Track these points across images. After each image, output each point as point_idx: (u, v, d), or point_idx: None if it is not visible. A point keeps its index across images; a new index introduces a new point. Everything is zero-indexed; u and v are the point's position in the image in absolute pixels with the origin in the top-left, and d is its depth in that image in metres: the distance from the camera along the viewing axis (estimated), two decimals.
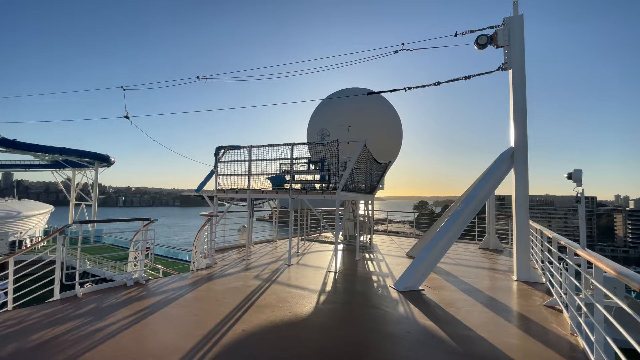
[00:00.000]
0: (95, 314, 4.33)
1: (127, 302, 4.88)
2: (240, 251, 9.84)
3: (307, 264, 8.28)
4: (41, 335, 3.60)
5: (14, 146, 36.94)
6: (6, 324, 3.92)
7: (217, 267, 7.48)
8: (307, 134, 15.17)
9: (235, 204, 9.78)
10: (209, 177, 9.18)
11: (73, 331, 3.75)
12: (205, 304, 5.00)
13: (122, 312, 4.40)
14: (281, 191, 8.48)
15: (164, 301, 4.98)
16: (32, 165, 43.49)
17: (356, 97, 13.74)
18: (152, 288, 5.62)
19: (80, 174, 43.52)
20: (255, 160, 8.74)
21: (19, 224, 32.73)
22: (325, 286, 6.25)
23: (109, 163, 43.76)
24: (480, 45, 8.07)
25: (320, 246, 11.29)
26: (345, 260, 8.82)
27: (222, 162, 9.21)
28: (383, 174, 11.83)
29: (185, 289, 5.72)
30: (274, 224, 12.55)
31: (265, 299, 5.26)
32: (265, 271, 7.25)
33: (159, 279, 6.20)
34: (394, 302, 5.37)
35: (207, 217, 7.64)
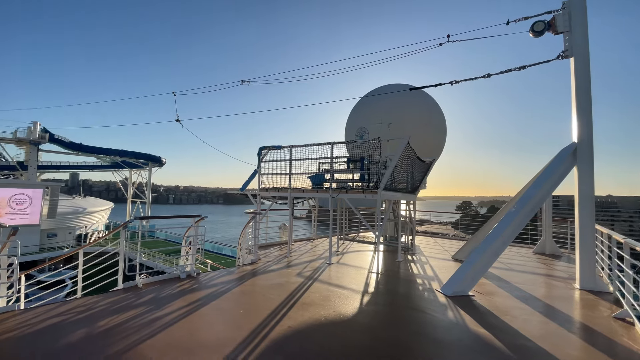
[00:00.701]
0: (154, 303, 4.68)
1: (181, 293, 5.21)
2: (282, 248, 10.07)
3: (348, 263, 8.23)
4: (107, 322, 3.95)
5: (80, 149, 41.53)
6: (76, 310, 4.37)
7: (260, 263, 7.72)
8: (345, 132, 15.11)
9: (276, 202, 10.02)
10: (253, 176, 9.51)
11: (135, 319, 4.08)
12: (251, 298, 5.18)
13: (177, 303, 4.70)
14: (321, 190, 8.53)
15: (214, 294, 5.25)
16: (95, 166, 48.57)
17: (397, 94, 13.39)
18: (203, 281, 5.96)
19: (136, 174, 47.70)
20: (295, 159, 8.88)
21: (85, 219, 36.59)
22: (368, 287, 6.16)
23: (161, 164, 47.43)
24: (536, 32, 7.42)
25: (359, 246, 11.18)
26: (387, 262, 8.63)
27: (264, 161, 9.49)
28: (426, 173, 11.39)
29: (233, 283, 5.98)
30: (313, 223, 12.67)
31: (309, 296, 5.32)
32: (306, 269, 7.33)
33: (209, 273, 6.56)
34: (441, 306, 5.14)
35: (251, 215, 7.92)
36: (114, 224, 42.94)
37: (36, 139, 35.38)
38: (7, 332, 3.54)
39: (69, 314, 4.15)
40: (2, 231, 4.29)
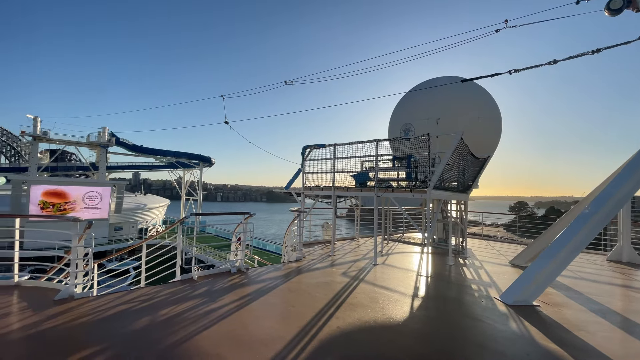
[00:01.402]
0: (208, 296, 4.91)
1: (232, 287, 5.42)
2: (325, 247, 10.07)
3: (394, 264, 7.95)
4: (167, 312, 4.22)
5: (141, 151, 45.69)
6: (140, 299, 4.72)
7: (305, 261, 7.77)
8: (388, 130, 14.67)
9: (320, 200, 10.04)
10: (297, 175, 9.63)
11: (191, 310, 4.31)
12: (299, 295, 5.20)
13: (229, 297, 4.89)
14: (365, 189, 8.34)
15: (263, 290, 5.37)
16: (153, 166, 53.19)
17: (446, 87, 12.67)
18: (252, 276, 6.14)
19: (189, 173, 51.35)
20: (339, 158, 8.80)
21: (145, 214, 40.23)
22: (418, 290, 5.87)
23: (211, 163, 50.48)
24: (612, 10, 6.47)
25: (405, 247, 10.78)
26: (436, 265, 8.18)
27: (308, 160, 9.55)
28: (480, 171, 10.61)
29: (280, 279, 6.08)
30: (355, 222, 12.49)
31: (356, 297, 5.20)
32: (351, 269, 7.22)
33: (257, 269, 6.75)
34: (502, 316, 4.71)
35: (296, 213, 8.01)
36: (170, 220, 46.72)
37: (105, 142, 39.67)
38: (82, 317, 3.94)
39: (134, 302, 4.52)
40: (78, 224, 4.79)
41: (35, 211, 28.59)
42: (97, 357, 3.01)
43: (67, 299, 4.47)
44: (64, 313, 3.99)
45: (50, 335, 3.42)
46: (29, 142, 35.83)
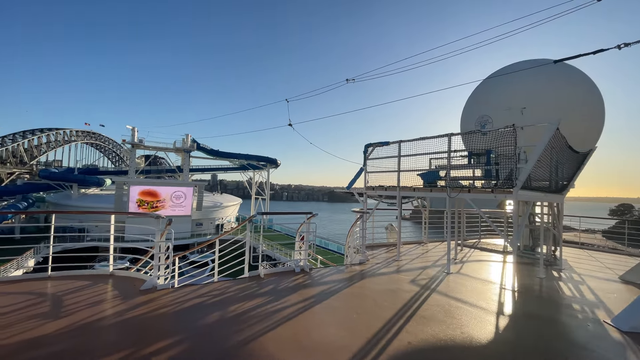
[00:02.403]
0: (273, 295, 4.93)
1: (296, 287, 5.38)
2: (389, 250, 9.53)
3: (471, 274, 7.08)
4: (236, 308, 4.31)
5: (217, 154, 50.33)
6: (213, 293, 4.95)
7: (369, 265, 7.41)
8: (460, 123, 13.34)
9: (383, 201, 9.55)
10: (359, 174, 9.31)
11: (258, 308, 4.34)
12: (363, 302, 4.90)
13: (294, 297, 4.83)
14: (436, 189, 7.61)
15: (326, 292, 5.20)
16: (228, 168, 58.27)
17: (532, 72, 11.03)
18: (315, 277, 6.04)
19: (258, 174, 54.92)
20: (405, 155, 8.21)
21: (221, 212, 44.11)
22: (502, 306, 5.06)
23: (277, 165, 53.22)
24: None
25: (482, 254, 9.60)
26: (524, 277, 7.05)
27: (370, 159, 9.15)
28: (579, 168, 8.90)
29: (343, 282, 5.86)
30: (423, 225, 11.62)
31: (428, 309, 4.68)
32: (421, 276, 6.62)
33: (320, 269, 6.65)
34: (616, 345, 3.73)
35: (359, 214, 7.70)
36: (242, 217, 50.54)
37: (188, 147, 44.69)
38: (161, 308, 4.26)
39: (207, 296, 4.75)
40: (161, 222, 5.26)
41: (133, 208, 33.56)
42: (171, 350, 3.16)
43: (151, 289, 4.92)
44: (147, 303, 4.37)
45: (134, 324, 3.74)
46: (129, 149, 42.28)
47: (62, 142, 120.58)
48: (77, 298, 4.49)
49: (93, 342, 3.27)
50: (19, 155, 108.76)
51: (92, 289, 4.91)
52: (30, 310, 3.97)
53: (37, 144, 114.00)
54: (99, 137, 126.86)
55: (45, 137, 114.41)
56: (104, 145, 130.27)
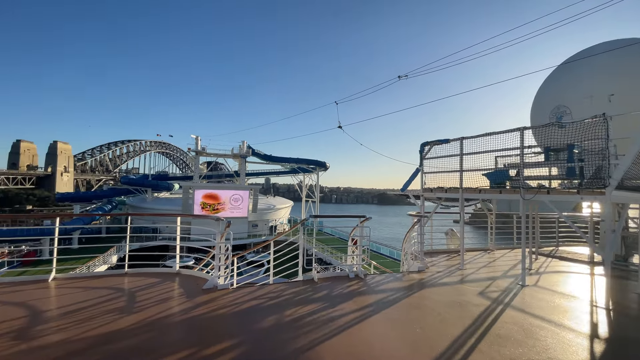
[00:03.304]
0: (328, 301, 4.79)
1: (351, 294, 5.17)
2: (450, 257, 8.80)
3: (551, 288, 6.15)
4: (292, 313, 4.25)
5: (270, 159, 52.50)
6: (269, 295, 4.97)
7: (429, 273, 6.88)
8: (530, 116, 11.94)
9: (442, 204, 8.87)
10: (414, 175, 8.78)
11: (313, 315, 4.23)
12: (425, 315, 4.50)
13: (349, 305, 4.63)
14: (507, 190, 6.80)
15: (384, 302, 4.90)
16: (280, 172, 60.47)
17: (615, 54, 9.46)
18: (371, 284, 5.76)
19: (308, 177, 56.01)
20: (469, 153, 7.51)
21: (274, 214, 45.77)
22: (596, 328, 4.25)
23: (326, 168, 53.68)
24: None
25: (562, 265, 8.36)
26: (617, 292, 5.91)
27: (427, 158, 8.57)
28: None
29: (401, 292, 5.49)
30: (489, 230, 10.55)
31: (503, 327, 4.11)
32: (490, 288, 5.93)
33: (375, 276, 6.34)
34: None
35: (416, 218, 7.22)
36: (293, 219, 51.94)
37: (244, 153, 47.36)
38: (222, 308, 4.38)
39: (264, 299, 4.80)
40: (220, 223, 5.48)
41: (197, 210, 36.47)
42: (231, 352, 3.19)
43: (212, 288, 5.13)
44: (208, 303, 4.54)
45: (196, 324, 3.88)
46: (193, 156, 46.19)
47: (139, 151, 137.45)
48: (148, 295, 4.86)
49: (159, 340, 3.45)
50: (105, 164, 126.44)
51: (161, 286, 5.29)
52: (108, 305, 4.39)
53: (119, 154, 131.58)
54: (169, 147, 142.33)
55: (125, 148, 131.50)
56: (173, 154, 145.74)
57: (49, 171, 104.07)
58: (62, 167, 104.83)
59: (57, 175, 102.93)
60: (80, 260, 23.72)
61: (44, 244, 26.01)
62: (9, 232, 30.47)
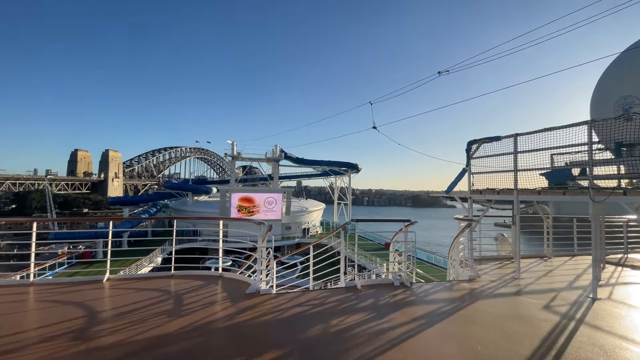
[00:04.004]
0: (375, 311, 4.51)
1: (398, 304, 4.84)
2: (502, 265, 8.08)
3: (627, 301, 5.37)
4: (338, 323, 4.04)
5: (302, 162, 52.94)
6: (312, 302, 4.79)
7: (481, 282, 6.33)
8: (590, 109, 10.74)
9: (492, 206, 8.19)
10: (460, 176, 8.20)
11: (360, 326, 3.97)
12: (485, 330, 4.06)
13: (398, 317, 4.31)
14: (572, 191, 6.08)
15: (435, 314, 4.53)
16: (312, 175, 60.80)
17: None
18: (418, 293, 5.38)
19: (339, 179, 55.73)
20: (524, 152, 6.85)
21: (307, 216, 45.97)
22: None
23: (358, 170, 53.05)
24: None
25: (633, 274, 7.36)
26: None
27: (475, 158, 7.97)
28: None
29: (452, 303, 5.06)
30: (545, 235, 9.60)
31: (581, 348, 3.59)
32: (556, 301, 5.30)
33: (422, 285, 5.94)
34: None
35: (464, 222, 6.70)
36: (325, 222, 51.86)
37: (277, 157, 48.23)
38: (266, 315, 4.29)
39: (307, 306, 4.64)
40: (262, 227, 5.44)
41: (234, 213, 37.62)
42: None
43: (255, 293, 5.08)
44: (252, 308, 4.47)
45: (241, 330, 3.80)
46: (229, 161, 47.86)
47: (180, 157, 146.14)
48: (193, 298, 4.91)
49: (208, 345, 3.41)
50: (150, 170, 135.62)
51: (205, 289, 5.34)
52: (157, 307, 4.48)
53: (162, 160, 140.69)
54: (207, 152, 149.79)
55: (167, 155, 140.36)
56: (210, 159, 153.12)
57: (101, 177, 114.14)
58: (113, 173, 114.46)
59: (109, 180, 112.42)
60: (129, 260, 25.38)
61: (98, 244, 28.22)
62: (69, 234, 33.57)
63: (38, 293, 5.00)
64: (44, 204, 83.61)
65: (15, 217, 78.26)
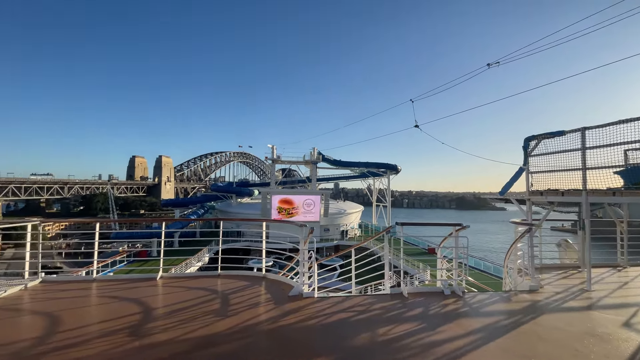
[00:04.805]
0: (425, 321, 4.22)
1: (450, 315, 4.49)
2: (568, 275, 7.21)
3: None
4: (385, 332, 3.82)
5: (339, 164, 52.79)
6: (356, 309, 4.62)
7: (544, 294, 5.67)
8: None
9: (555, 209, 7.37)
10: (517, 176, 7.49)
11: (410, 337, 3.72)
12: (556, 350, 3.58)
13: (451, 329, 3.98)
14: None
15: (494, 327, 4.11)
16: (349, 177, 60.44)
17: None
18: (472, 304, 4.96)
19: (378, 181, 54.65)
20: (594, 147, 6.06)
21: (345, 218, 45.67)
22: None
23: (397, 171, 51.62)
24: None
25: None
26: None
27: (534, 155, 7.23)
28: None
29: (514, 316, 4.57)
30: (618, 242, 8.42)
31: None
32: (638, 318, 4.56)
33: (476, 295, 5.47)
34: None
35: (524, 227, 6.08)
36: (364, 224, 51.11)
37: (315, 159, 48.67)
38: (310, 319, 4.21)
39: (351, 312, 4.49)
40: (304, 229, 5.40)
41: (274, 214, 38.61)
42: None
43: (298, 296, 5.04)
44: (295, 312, 4.43)
45: (286, 334, 3.76)
46: (270, 164, 49.28)
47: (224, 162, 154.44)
48: (239, 298, 5.01)
49: (252, 348, 3.41)
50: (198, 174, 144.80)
51: (250, 290, 5.43)
52: (206, 306, 4.62)
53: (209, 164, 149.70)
54: (249, 156, 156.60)
55: (213, 159, 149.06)
56: (252, 163, 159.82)
57: (155, 181, 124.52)
58: (165, 177, 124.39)
59: (162, 184, 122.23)
60: (179, 259, 27.18)
61: (153, 243, 30.63)
62: (128, 233, 36.97)
63: (99, 289, 5.45)
64: (107, 206, 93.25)
65: (83, 217, 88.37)
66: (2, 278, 5.91)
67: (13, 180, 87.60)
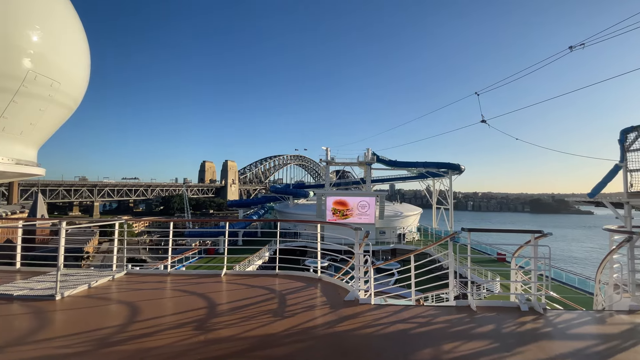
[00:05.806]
0: (498, 340, 3.78)
1: (528, 336, 3.95)
2: None
3: None
4: (451, 349, 3.49)
5: (395, 164, 51.13)
6: (417, 320, 4.33)
7: None
8: None
9: None
10: (612, 174, 6.36)
11: (481, 356, 3.34)
12: None
13: (532, 352, 3.47)
14: None
15: (587, 354, 3.49)
16: (406, 178, 58.11)
17: None
18: (557, 324, 4.29)
19: (438, 182, 51.51)
20: None
21: (402, 221, 43.96)
22: None
23: (460, 171, 48.06)
24: None
25: None
26: None
27: (633, 151, 6.07)
28: None
29: (610, 340, 3.84)
30: None
31: None
32: None
33: (560, 313, 4.74)
34: None
35: (622, 235, 5.11)
36: (423, 227, 48.59)
37: (369, 160, 47.92)
38: (368, 327, 4.09)
39: (411, 323, 4.24)
40: (359, 233, 5.30)
41: (329, 215, 38.98)
42: None
43: (353, 301, 4.95)
44: (351, 318, 4.34)
45: (344, 342, 3.69)
46: (324, 166, 49.95)
47: (282, 164, 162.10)
48: (296, 299, 5.11)
49: (308, 352, 3.42)
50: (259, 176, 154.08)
51: (306, 291, 5.50)
52: (264, 305, 4.80)
53: (268, 167, 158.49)
54: (304, 159, 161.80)
55: (272, 162, 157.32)
56: (307, 165, 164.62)
57: (222, 183, 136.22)
58: (230, 180, 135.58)
59: (228, 186, 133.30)
60: (241, 257, 29.12)
61: (220, 241, 33.34)
62: (199, 232, 40.91)
63: (172, 282, 6.06)
64: (182, 206, 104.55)
65: (162, 216, 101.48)
66: (97, 269, 6.96)
67: (108, 183, 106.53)
